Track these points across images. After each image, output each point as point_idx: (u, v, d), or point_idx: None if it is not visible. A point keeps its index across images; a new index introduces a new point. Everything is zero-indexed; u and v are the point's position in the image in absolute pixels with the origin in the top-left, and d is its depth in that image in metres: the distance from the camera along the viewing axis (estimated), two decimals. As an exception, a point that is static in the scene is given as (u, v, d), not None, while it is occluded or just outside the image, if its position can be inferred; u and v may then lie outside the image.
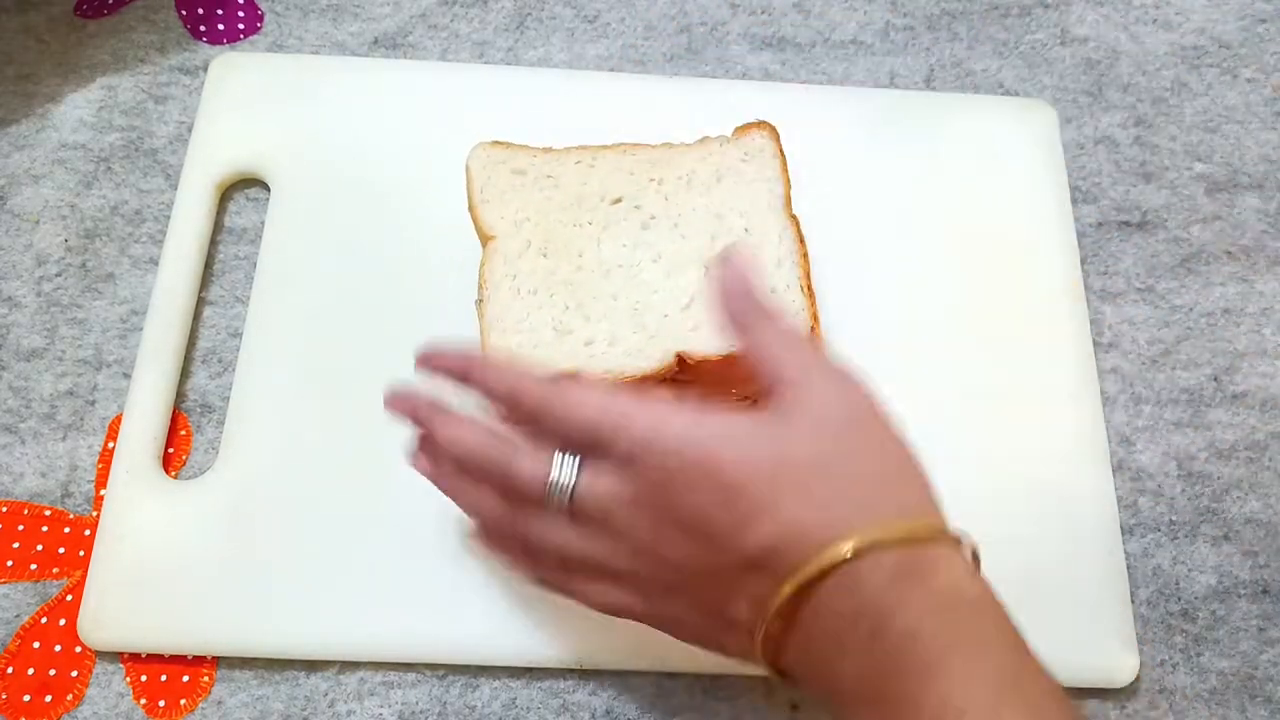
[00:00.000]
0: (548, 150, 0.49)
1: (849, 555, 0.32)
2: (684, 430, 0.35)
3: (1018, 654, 0.33)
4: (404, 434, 0.49)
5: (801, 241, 0.47)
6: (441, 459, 0.40)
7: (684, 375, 0.45)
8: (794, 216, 0.48)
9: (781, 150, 0.49)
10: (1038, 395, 0.52)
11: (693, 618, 0.38)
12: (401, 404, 0.41)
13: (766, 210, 0.48)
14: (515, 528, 0.39)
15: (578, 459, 0.36)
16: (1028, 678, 0.33)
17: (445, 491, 0.41)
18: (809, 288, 0.46)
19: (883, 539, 0.33)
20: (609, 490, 0.36)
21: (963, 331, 0.53)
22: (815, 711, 0.46)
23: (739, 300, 0.38)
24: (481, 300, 0.45)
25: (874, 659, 0.33)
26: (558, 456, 0.36)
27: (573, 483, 0.36)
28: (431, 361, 0.40)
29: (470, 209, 0.48)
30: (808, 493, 0.34)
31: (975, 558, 0.36)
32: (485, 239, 0.47)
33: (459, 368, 0.40)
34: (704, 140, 0.50)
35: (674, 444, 0.35)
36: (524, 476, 0.37)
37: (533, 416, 0.37)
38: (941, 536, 0.34)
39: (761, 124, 0.50)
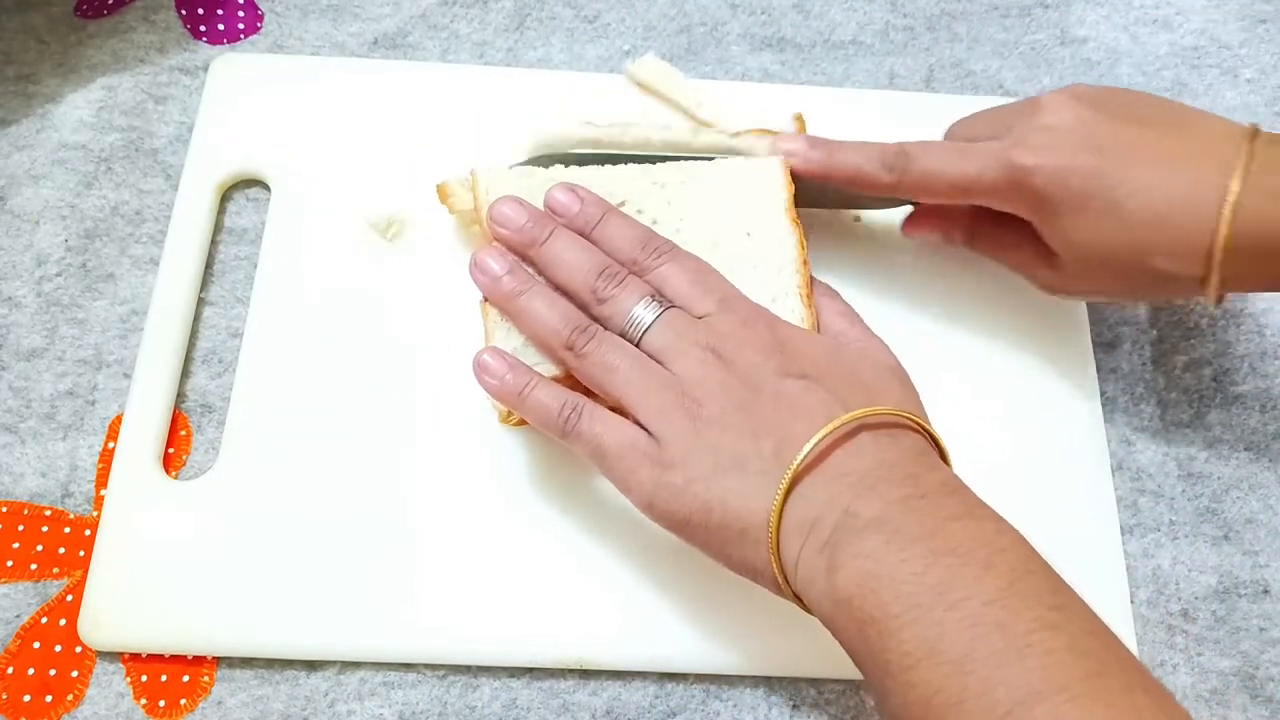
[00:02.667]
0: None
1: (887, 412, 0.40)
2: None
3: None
4: (403, 431, 0.49)
5: (803, 247, 0.47)
6: (518, 270, 0.45)
7: None
8: (797, 221, 0.48)
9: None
10: (1037, 395, 0.52)
11: (707, 461, 0.39)
12: (516, 209, 0.45)
13: (769, 215, 0.48)
14: (573, 343, 0.43)
15: (661, 308, 0.43)
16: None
17: (509, 294, 0.44)
18: (809, 295, 0.46)
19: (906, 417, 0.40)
20: (701, 328, 0.42)
21: (962, 332, 0.53)
22: (815, 712, 0.46)
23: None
24: (486, 300, 0.46)
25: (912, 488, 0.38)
26: (644, 299, 0.43)
27: (650, 321, 0.42)
28: (578, 193, 0.46)
29: (475, 209, 0.48)
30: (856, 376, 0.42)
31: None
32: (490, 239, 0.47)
33: (596, 208, 0.46)
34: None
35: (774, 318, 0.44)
36: (617, 300, 0.43)
37: (658, 250, 0.44)
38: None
39: (763, 130, 0.50)
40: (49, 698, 0.45)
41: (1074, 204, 0.44)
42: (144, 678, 0.46)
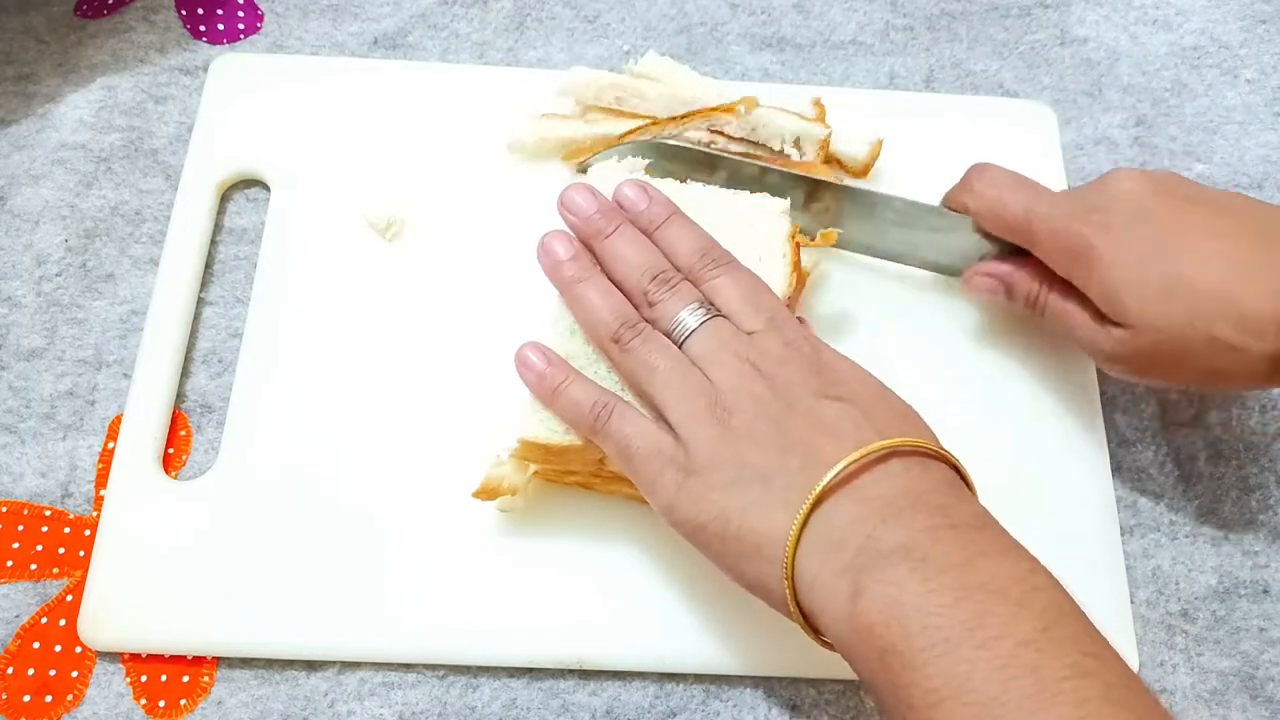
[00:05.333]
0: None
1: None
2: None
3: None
4: (403, 431, 0.49)
5: (795, 285, 0.47)
6: (581, 258, 0.45)
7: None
8: (796, 264, 0.47)
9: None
10: (1037, 395, 0.52)
11: (731, 471, 0.39)
12: (587, 198, 0.46)
13: (769, 251, 0.48)
14: (619, 336, 0.43)
15: (708, 315, 0.43)
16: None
17: (568, 280, 0.45)
18: (797, 306, 0.47)
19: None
20: (745, 341, 0.42)
21: (962, 333, 0.53)
22: (815, 712, 0.46)
23: None
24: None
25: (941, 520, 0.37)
26: (692, 305, 0.43)
27: (695, 326, 0.42)
28: (648, 191, 0.46)
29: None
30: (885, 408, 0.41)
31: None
32: None
33: (663, 210, 0.46)
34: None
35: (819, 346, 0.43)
36: (665, 304, 0.43)
37: (716, 261, 0.44)
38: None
39: (784, 110, 0.51)
40: (49, 698, 0.45)
41: (1129, 268, 0.44)
42: (144, 678, 0.46)
